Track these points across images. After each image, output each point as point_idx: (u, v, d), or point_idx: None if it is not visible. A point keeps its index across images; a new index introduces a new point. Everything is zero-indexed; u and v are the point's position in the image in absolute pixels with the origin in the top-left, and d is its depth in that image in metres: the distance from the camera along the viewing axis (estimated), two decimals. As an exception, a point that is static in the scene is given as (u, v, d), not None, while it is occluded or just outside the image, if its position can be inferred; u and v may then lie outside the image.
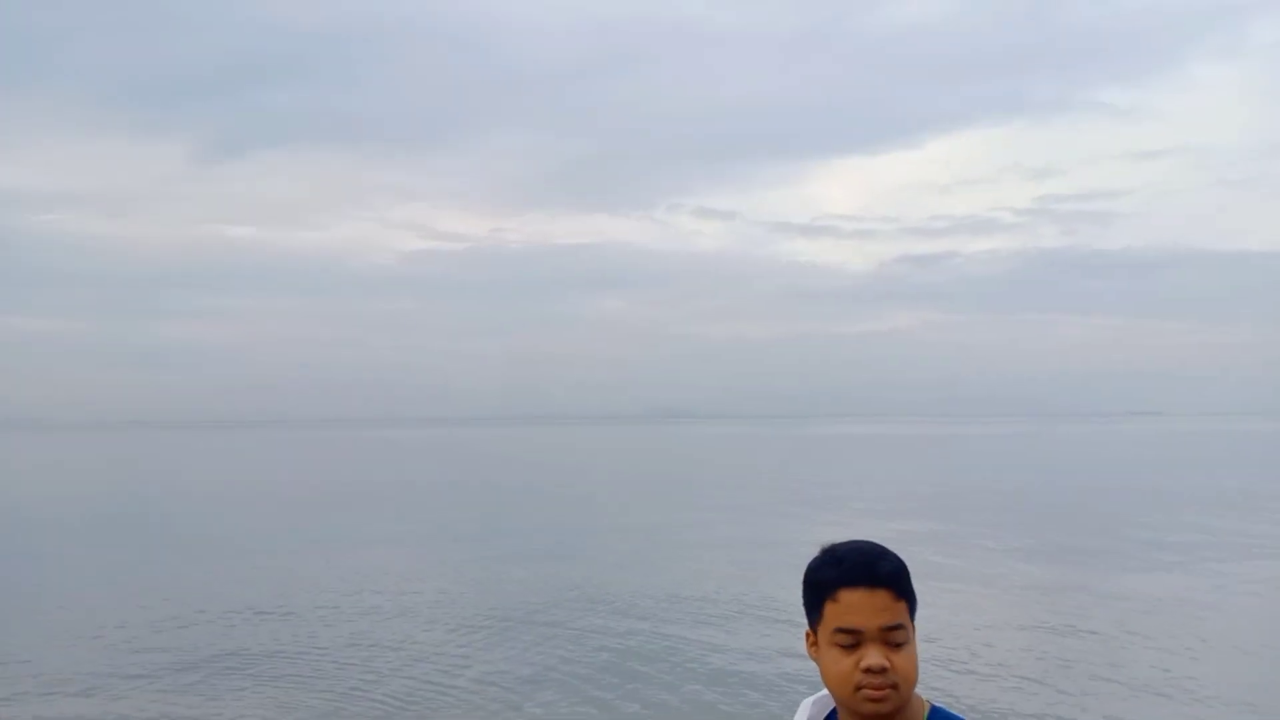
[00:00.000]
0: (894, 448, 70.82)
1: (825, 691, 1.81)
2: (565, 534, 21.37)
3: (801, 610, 1.84)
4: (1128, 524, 22.16)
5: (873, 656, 1.70)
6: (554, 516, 24.88)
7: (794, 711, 1.87)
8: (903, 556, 1.81)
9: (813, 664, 1.80)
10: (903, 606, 1.75)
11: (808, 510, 26.66)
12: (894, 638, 1.72)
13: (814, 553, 1.82)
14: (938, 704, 1.82)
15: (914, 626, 1.78)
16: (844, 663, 1.72)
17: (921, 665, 1.76)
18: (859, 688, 1.71)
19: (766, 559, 17.20)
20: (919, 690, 1.79)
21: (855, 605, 1.73)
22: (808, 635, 1.81)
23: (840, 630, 1.73)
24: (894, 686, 1.71)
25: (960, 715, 1.82)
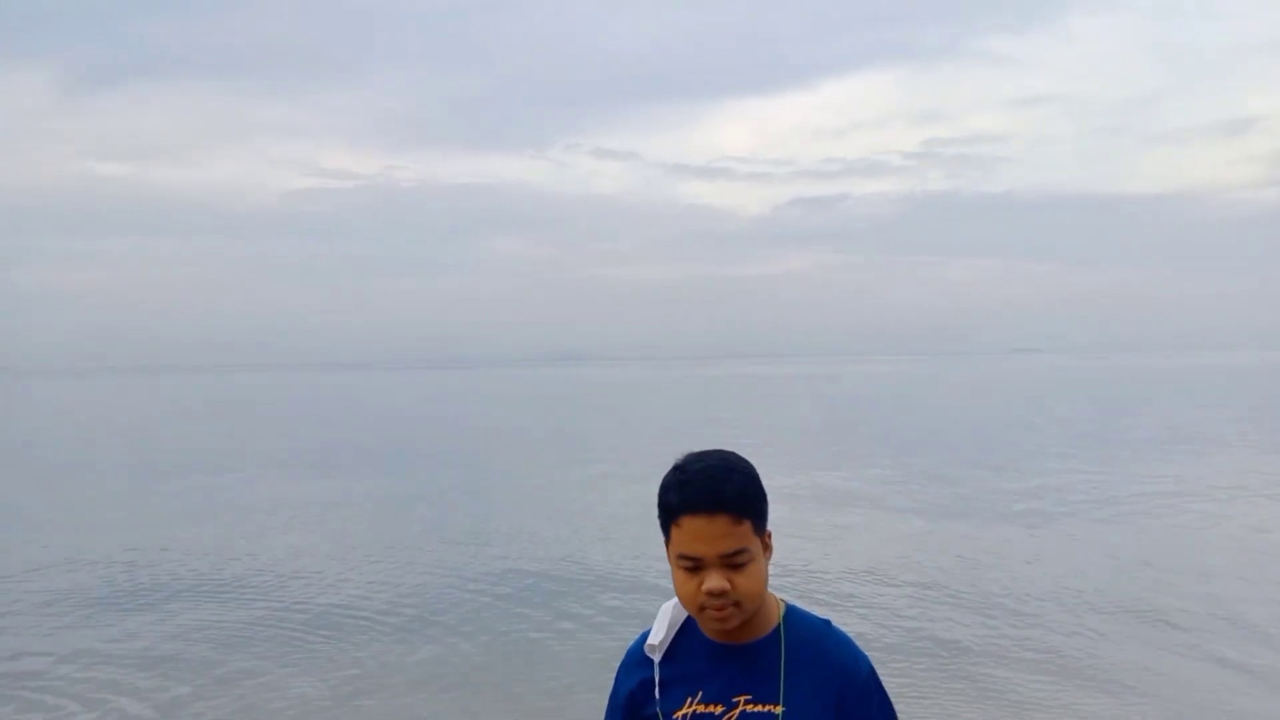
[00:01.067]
0: (790, 386, 71.98)
1: None
2: (466, 481, 20.43)
3: None
4: (999, 452, 22.54)
5: (712, 580, 1.76)
6: (457, 471, 23.85)
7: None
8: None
9: None
10: (745, 528, 1.78)
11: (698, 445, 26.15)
12: (735, 561, 1.76)
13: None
14: (793, 603, 1.90)
15: (762, 539, 1.82)
16: (689, 584, 1.79)
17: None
18: (702, 608, 1.78)
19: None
20: (786, 590, 1.73)
21: (695, 533, 1.77)
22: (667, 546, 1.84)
23: (682, 556, 1.79)
24: (736, 604, 1.77)
25: (815, 614, 1.91)
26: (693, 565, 1.77)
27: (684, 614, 1.89)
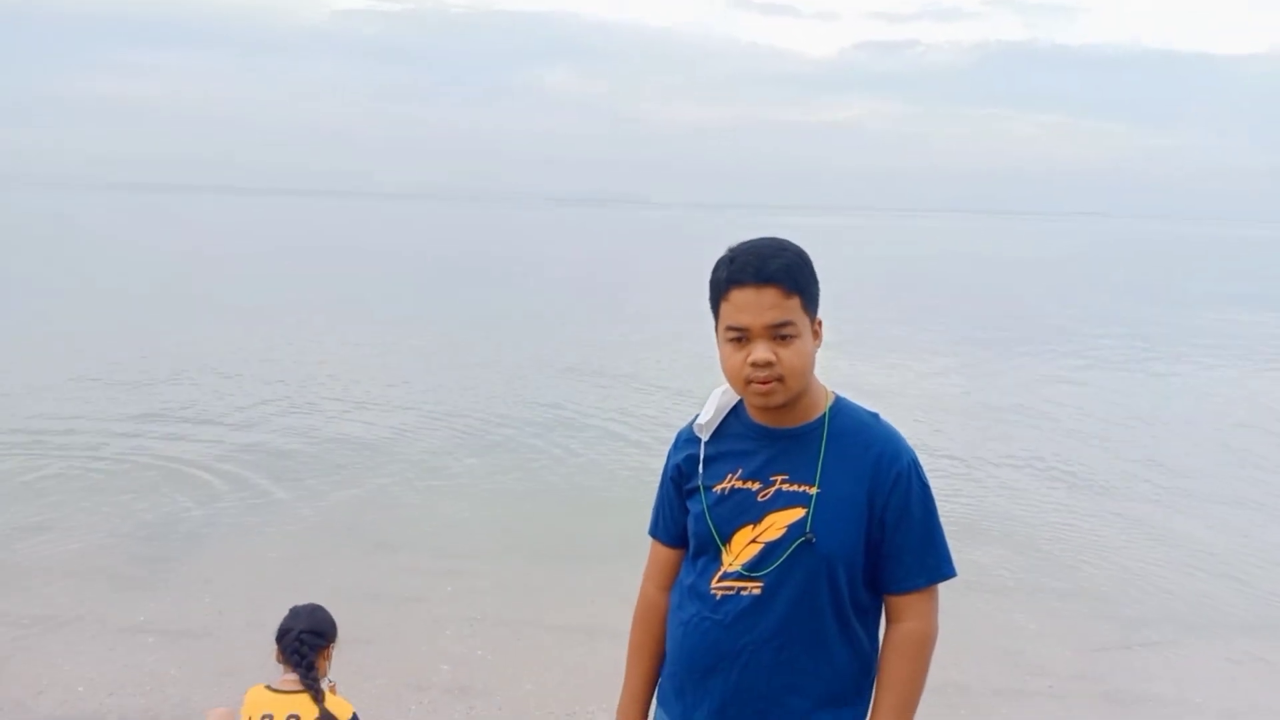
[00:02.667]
0: (849, 239, 70.77)
1: None
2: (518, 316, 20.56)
3: None
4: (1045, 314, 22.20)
5: (758, 351, 1.77)
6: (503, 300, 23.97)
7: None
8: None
9: None
10: (794, 303, 1.78)
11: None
12: (781, 333, 1.76)
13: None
14: (846, 398, 1.92)
15: (811, 318, 1.82)
16: (735, 358, 1.80)
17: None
18: (748, 381, 1.79)
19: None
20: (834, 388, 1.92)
21: (743, 304, 1.77)
22: (716, 327, 1.86)
23: (729, 328, 1.80)
24: (780, 379, 1.78)
25: (867, 408, 1.92)
26: (739, 336, 1.79)
27: (733, 398, 1.94)
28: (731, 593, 1.85)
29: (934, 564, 1.86)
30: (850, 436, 1.86)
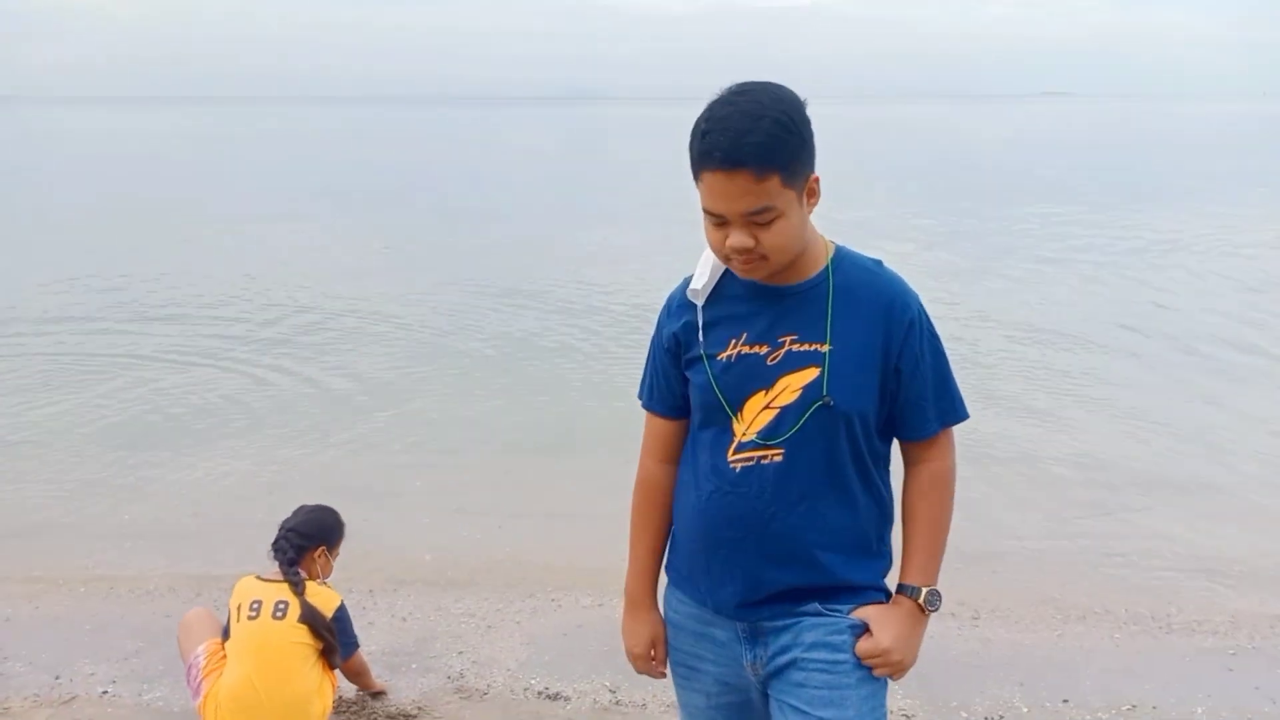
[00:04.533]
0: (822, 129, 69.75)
1: None
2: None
3: None
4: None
5: (735, 238, 1.68)
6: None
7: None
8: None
9: None
10: (770, 184, 1.63)
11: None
12: (759, 219, 1.65)
13: None
14: (846, 248, 1.83)
15: (800, 185, 1.68)
16: (715, 235, 1.71)
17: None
18: (729, 258, 1.72)
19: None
20: (829, 235, 1.82)
21: (715, 190, 1.65)
22: None
23: (706, 211, 1.70)
24: (763, 258, 1.69)
25: (870, 255, 1.83)
26: (719, 221, 1.69)
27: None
28: (751, 463, 1.77)
29: (948, 408, 1.83)
30: (857, 288, 1.77)
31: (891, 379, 1.77)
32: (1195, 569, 4.81)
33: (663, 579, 2.01)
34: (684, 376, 1.87)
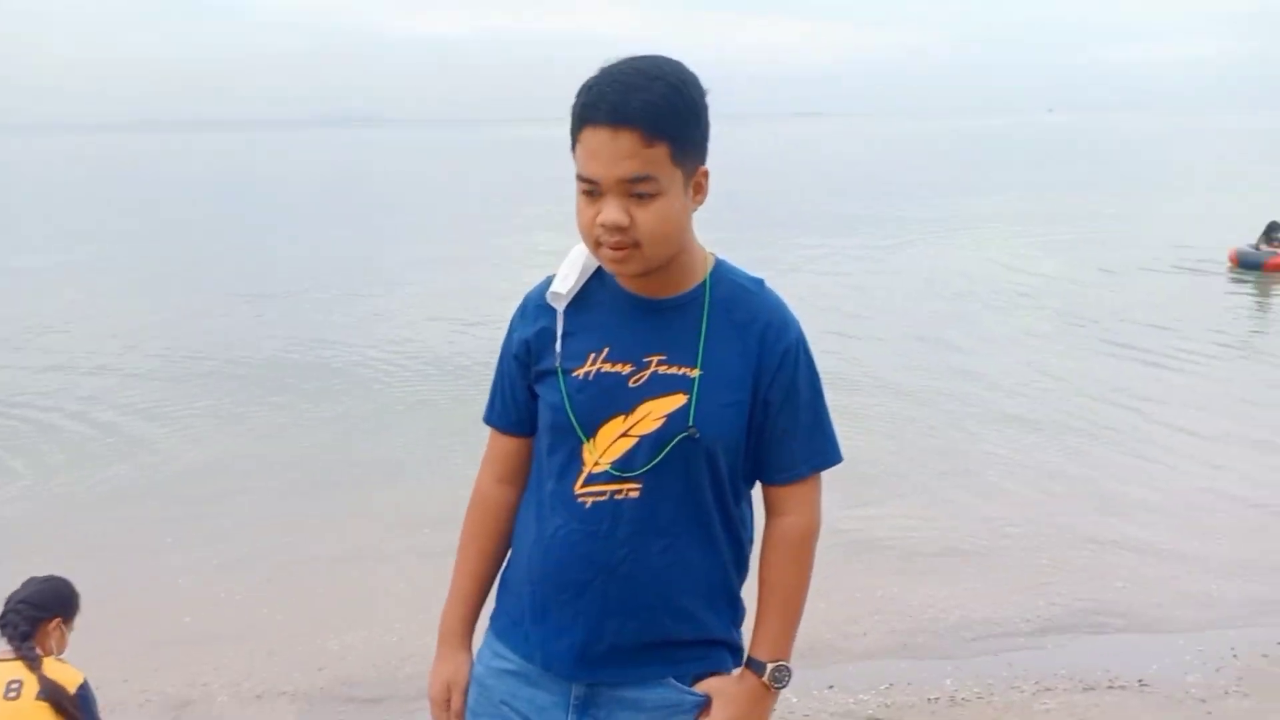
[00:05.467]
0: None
1: None
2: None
3: None
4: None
5: (608, 211, 1.45)
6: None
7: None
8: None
9: None
10: (658, 153, 1.43)
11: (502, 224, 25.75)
12: (638, 190, 1.44)
13: None
14: (727, 262, 1.65)
15: (687, 174, 1.48)
16: (586, 213, 1.49)
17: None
18: (598, 243, 1.50)
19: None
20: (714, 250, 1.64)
21: (594, 148, 1.44)
22: None
23: (580, 177, 1.48)
24: (636, 245, 1.47)
25: (749, 272, 1.65)
26: (590, 189, 1.47)
27: (597, 260, 1.61)
28: (603, 498, 1.56)
29: (820, 449, 1.62)
30: (734, 306, 1.58)
31: (760, 410, 1.58)
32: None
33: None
34: (532, 390, 1.65)
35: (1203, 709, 3.63)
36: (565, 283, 1.60)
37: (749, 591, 1.65)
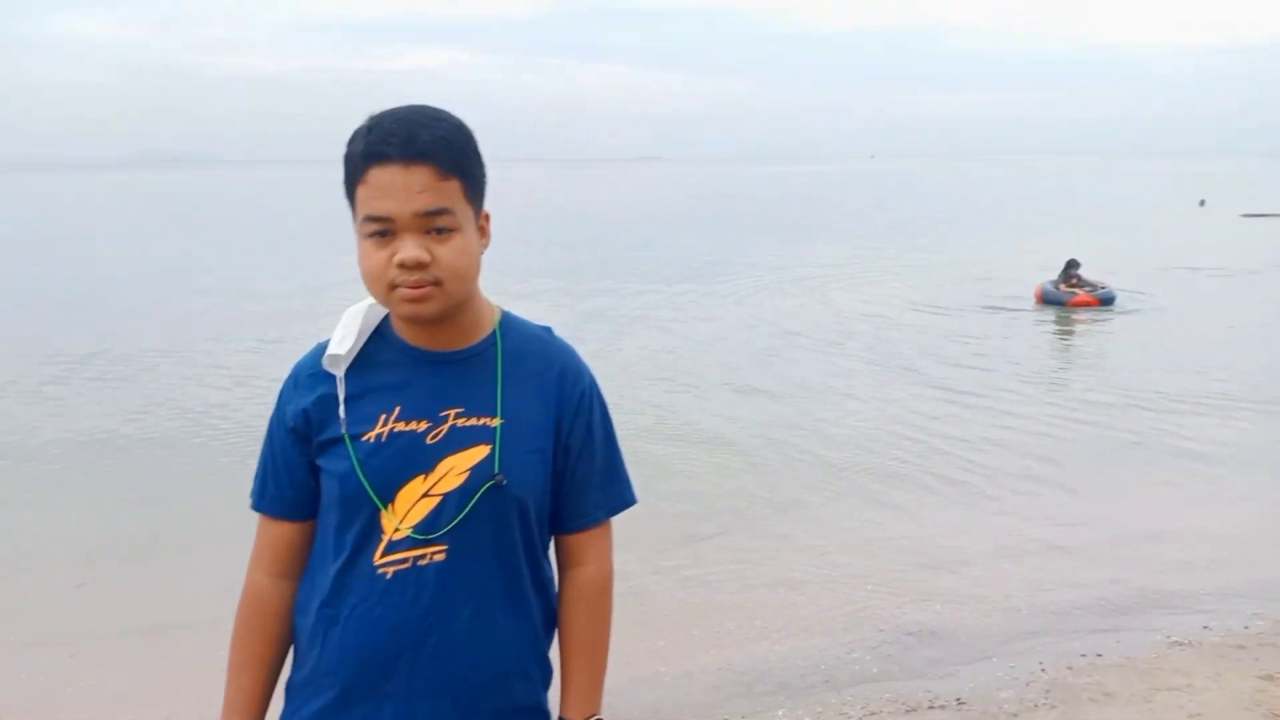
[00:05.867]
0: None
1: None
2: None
3: None
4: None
5: (406, 249, 1.40)
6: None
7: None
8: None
9: None
10: (452, 186, 1.42)
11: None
12: (437, 224, 1.41)
13: None
14: (511, 312, 1.62)
15: (476, 210, 1.48)
16: (376, 257, 1.42)
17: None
18: (394, 285, 1.42)
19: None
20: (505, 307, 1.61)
21: (385, 186, 1.39)
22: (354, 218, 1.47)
23: (369, 218, 1.41)
24: (437, 283, 1.42)
25: (540, 323, 1.64)
26: (382, 230, 1.41)
27: (376, 317, 1.55)
28: (406, 566, 1.47)
29: (616, 493, 1.62)
30: (527, 354, 1.56)
31: (561, 457, 1.56)
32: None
33: None
34: (312, 466, 1.53)
35: (1013, 723, 3.85)
36: (344, 344, 1.52)
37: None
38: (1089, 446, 8.05)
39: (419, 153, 1.39)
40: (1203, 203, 42.97)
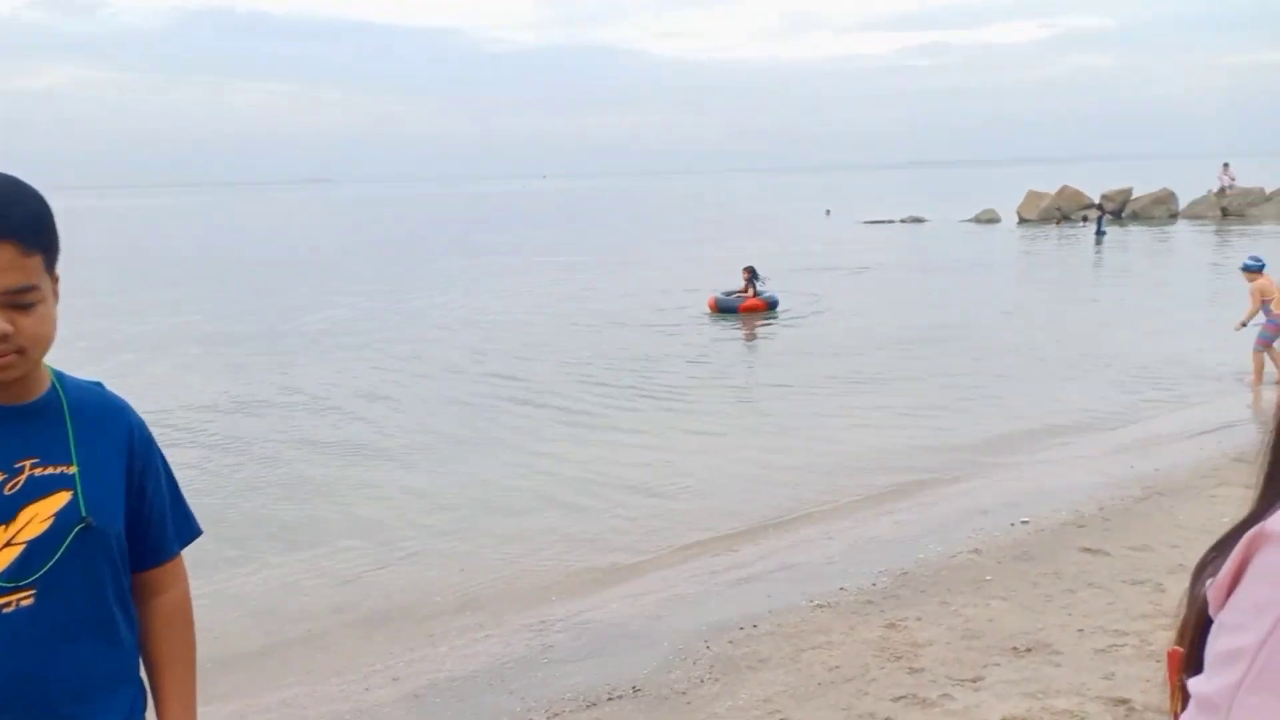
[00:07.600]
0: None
1: None
2: None
3: None
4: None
5: None
6: None
7: None
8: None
9: None
10: (36, 263, 1.47)
11: None
12: (22, 299, 1.46)
13: None
14: (61, 370, 1.69)
15: (55, 278, 1.55)
16: None
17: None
18: None
19: None
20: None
21: None
22: None
23: None
24: (20, 351, 1.49)
25: (90, 379, 1.73)
26: None
27: None
28: None
29: (184, 526, 1.77)
30: (88, 405, 1.65)
31: (135, 497, 1.67)
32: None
33: None
34: None
35: (683, 701, 4.12)
36: None
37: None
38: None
39: (8, 231, 1.43)
40: (829, 212, 48.40)
